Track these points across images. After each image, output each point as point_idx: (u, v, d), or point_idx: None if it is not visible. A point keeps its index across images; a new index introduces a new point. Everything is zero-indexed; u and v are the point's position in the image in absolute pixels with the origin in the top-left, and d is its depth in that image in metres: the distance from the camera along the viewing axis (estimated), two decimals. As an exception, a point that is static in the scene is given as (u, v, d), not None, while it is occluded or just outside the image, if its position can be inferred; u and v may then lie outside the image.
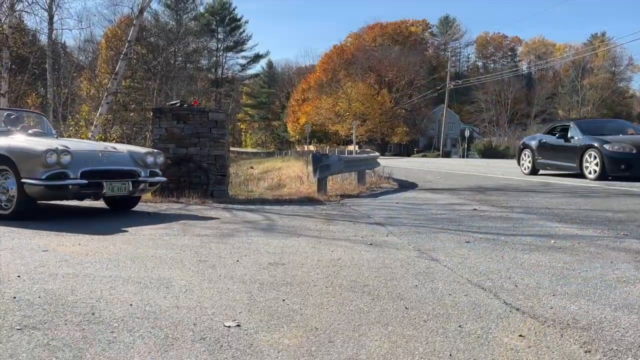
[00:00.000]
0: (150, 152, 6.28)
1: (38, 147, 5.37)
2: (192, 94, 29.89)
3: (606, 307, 2.57)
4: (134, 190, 5.88)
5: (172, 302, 2.61)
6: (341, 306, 2.59)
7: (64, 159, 5.33)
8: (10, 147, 5.53)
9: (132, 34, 12.72)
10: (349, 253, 3.91)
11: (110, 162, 5.87)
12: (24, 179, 5.25)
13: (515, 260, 3.65)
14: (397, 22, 73.42)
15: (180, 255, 3.76)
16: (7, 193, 5.47)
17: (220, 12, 63.40)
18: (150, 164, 6.15)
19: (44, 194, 5.41)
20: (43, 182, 5.20)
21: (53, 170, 5.26)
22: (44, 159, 5.21)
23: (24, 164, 5.30)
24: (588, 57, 67.74)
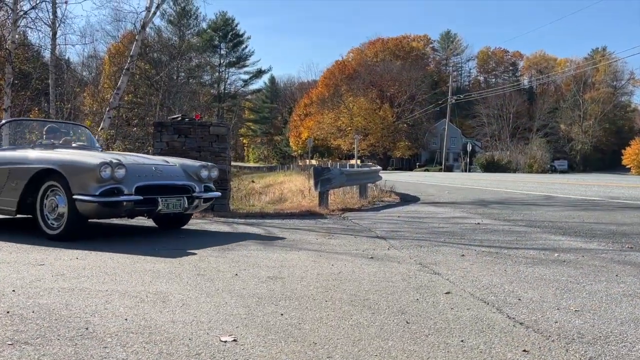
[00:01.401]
0: (205, 166, 5.82)
1: (92, 160, 4.87)
2: (195, 109, 29.98)
3: (612, 321, 2.51)
4: (188, 207, 5.40)
5: (168, 317, 2.55)
6: (340, 320, 2.53)
7: (118, 173, 4.86)
8: (61, 160, 5.05)
9: (135, 50, 12.79)
10: (350, 267, 3.85)
11: (164, 177, 5.39)
12: (76, 195, 4.77)
13: (518, 273, 3.58)
14: (398, 38, 74.01)
15: (179, 269, 3.71)
16: (56, 211, 5.00)
17: (223, 28, 63.91)
18: (204, 178, 5.71)
19: (97, 212, 4.91)
20: (97, 199, 4.71)
21: (107, 186, 4.79)
22: (99, 173, 4.73)
23: (76, 179, 4.82)
24: (589, 72, 68.00)
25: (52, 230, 5.02)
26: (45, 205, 5.08)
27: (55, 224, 5.03)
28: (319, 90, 64.63)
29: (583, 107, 66.52)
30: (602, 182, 20.89)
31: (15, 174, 5.23)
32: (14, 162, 5.34)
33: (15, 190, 5.19)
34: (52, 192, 5.04)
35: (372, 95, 58.70)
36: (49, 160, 5.10)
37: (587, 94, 67.60)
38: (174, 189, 5.36)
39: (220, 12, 63.45)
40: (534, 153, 51.01)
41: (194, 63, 35.10)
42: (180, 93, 26.15)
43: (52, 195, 5.04)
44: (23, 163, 5.24)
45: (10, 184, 5.24)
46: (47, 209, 5.07)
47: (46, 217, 5.08)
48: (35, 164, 5.11)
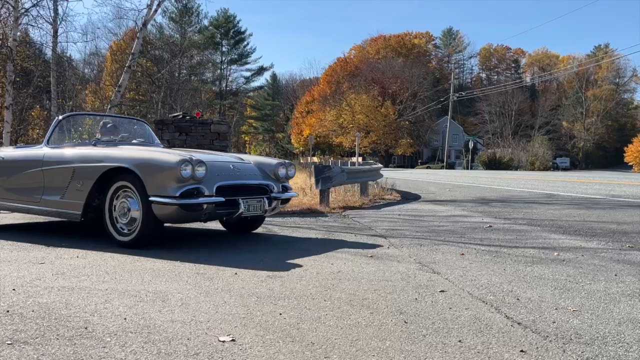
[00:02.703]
0: (282, 164, 5.33)
1: (170, 158, 4.39)
2: (196, 106, 30.01)
3: (610, 321, 2.51)
4: (268, 209, 4.90)
5: (167, 316, 2.56)
6: (339, 320, 2.54)
7: (199, 171, 4.35)
8: (135, 158, 4.52)
9: (136, 47, 12.79)
10: (349, 266, 3.86)
11: (242, 176, 4.88)
12: (152, 196, 4.28)
13: (517, 273, 3.59)
14: (400, 35, 73.80)
15: (178, 268, 3.72)
16: (128, 215, 4.52)
17: (225, 25, 63.80)
18: (282, 177, 5.23)
19: (176, 216, 4.36)
20: (177, 201, 4.20)
21: (188, 186, 4.29)
22: (179, 171, 4.23)
23: (152, 179, 4.31)
24: (592, 69, 67.83)
25: (122, 236, 4.54)
26: (115, 208, 4.61)
27: (127, 230, 4.54)
28: (321, 87, 64.56)
29: (585, 105, 66.40)
30: (604, 180, 20.85)
31: (80, 174, 4.75)
32: (78, 160, 4.86)
33: (80, 191, 4.71)
34: (123, 193, 4.57)
35: (374, 92, 58.62)
36: (119, 157, 4.58)
37: (590, 91, 67.45)
38: (253, 189, 4.86)
39: (222, 9, 63.39)
40: (535, 150, 50.90)
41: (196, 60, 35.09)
42: (181, 90, 26.16)
43: (122, 197, 4.57)
44: (89, 161, 4.75)
45: (74, 185, 4.77)
46: (117, 213, 4.60)
47: (116, 221, 4.61)
48: (105, 162, 4.60)
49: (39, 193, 5.08)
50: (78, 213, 4.75)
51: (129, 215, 4.50)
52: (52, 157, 5.08)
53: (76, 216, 4.78)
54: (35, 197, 5.10)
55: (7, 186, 5.43)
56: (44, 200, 5.02)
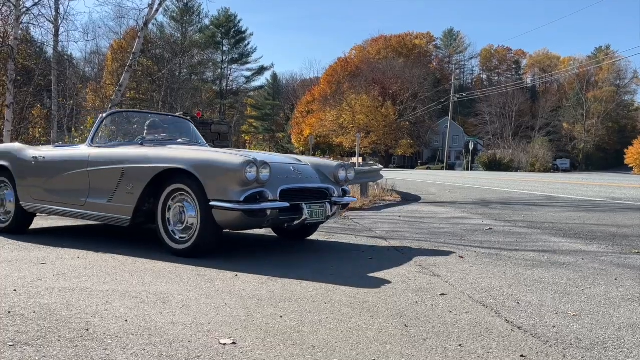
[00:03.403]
0: (342, 166, 4.96)
1: (233, 159, 4.02)
2: (197, 105, 30.03)
3: (610, 326, 2.52)
4: (330, 215, 4.53)
5: (168, 318, 2.57)
6: (339, 323, 2.55)
7: (263, 174, 4.01)
8: (193, 159, 4.14)
9: (137, 46, 12.79)
10: (350, 268, 3.86)
11: (304, 179, 4.51)
12: (213, 201, 3.91)
13: (517, 276, 3.59)
14: (401, 35, 73.82)
15: (179, 269, 3.72)
16: (183, 221, 4.15)
17: (226, 25, 63.82)
18: (342, 180, 4.86)
19: (239, 222, 3.99)
20: (241, 206, 3.84)
21: (252, 190, 3.95)
22: (244, 174, 3.89)
23: (213, 182, 3.95)
24: (592, 70, 67.83)
25: (177, 244, 4.18)
26: (169, 213, 4.25)
27: (183, 237, 4.18)
28: (321, 87, 64.54)
29: (586, 106, 66.43)
30: (604, 182, 20.87)
31: (131, 175, 4.38)
32: (128, 160, 4.49)
33: (130, 194, 4.35)
34: (179, 197, 4.21)
35: (375, 92, 58.61)
36: (175, 158, 4.22)
37: (590, 93, 67.47)
38: (313, 193, 4.50)
39: (223, 9, 63.43)
40: (536, 152, 50.96)
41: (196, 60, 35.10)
42: (182, 90, 26.17)
43: (177, 202, 4.21)
44: (141, 162, 4.39)
45: (124, 187, 4.41)
46: (172, 218, 4.24)
47: (170, 227, 4.25)
48: (158, 163, 4.24)
49: (84, 196, 4.73)
50: (127, 218, 4.40)
51: (185, 221, 4.15)
52: (99, 157, 4.75)
53: (125, 221, 4.43)
54: (80, 200, 4.76)
55: (47, 187, 5.07)
56: (89, 203, 4.68)
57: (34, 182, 5.17)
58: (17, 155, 5.40)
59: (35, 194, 5.14)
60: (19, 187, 5.25)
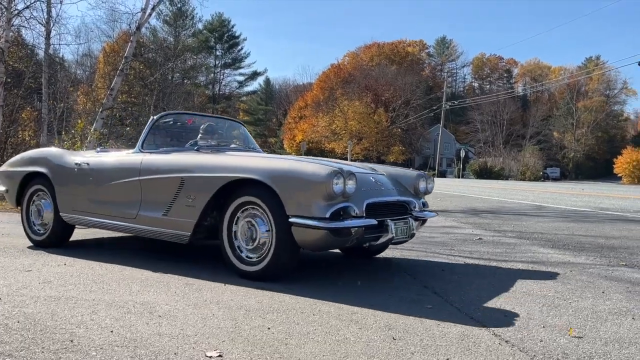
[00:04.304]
0: (422, 176, 4.47)
1: (318, 169, 3.49)
2: (189, 109, 29.96)
3: (597, 340, 2.52)
4: (414, 233, 4.03)
5: (154, 329, 2.55)
6: (327, 335, 2.54)
7: (349, 186, 3.51)
8: (270, 169, 3.63)
9: (129, 50, 12.75)
10: (339, 278, 3.85)
11: (386, 191, 4.01)
12: (294, 217, 3.42)
13: (505, 288, 3.60)
14: (394, 42, 74.20)
15: (167, 278, 3.69)
16: (255, 239, 3.66)
17: (219, 30, 63.83)
18: (422, 191, 4.40)
19: (322, 242, 3.47)
20: (327, 224, 3.35)
21: (338, 204, 3.46)
22: (331, 186, 3.38)
23: (294, 195, 3.46)
24: (583, 80, 68.51)
25: (246, 265, 3.70)
26: (237, 229, 3.77)
27: (251, 257, 3.70)
28: (314, 93, 64.65)
29: (576, 115, 67.02)
30: (593, 192, 21.04)
31: (192, 186, 3.90)
32: (188, 169, 3.99)
33: (191, 207, 3.87)
34: (249, 212, 3.73)
35: (367, 99, 58.81)
36: (247, 167, 3.72)
37: (581, 102, 68.11)
38: (393, 208, 3.99)
39: (217, 13, 63.42)
40: (526, 160, 51.33)
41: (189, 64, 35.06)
42: (174, 94, 26.11)
43: (247, 217, 3.72)
44: (204, 170, 3.90)
45: (183, 199, 3.92)
46: (240, 236, 3.75)
47: (238, 246, 3.77)
48: (226, 173, 3.75)
49: (135, 208, 4.24)
50: (187, 234, 3.92)
51: (256, 239, 3.65)
52: (152, 165, 4.23)
53: (183, 238, 3.95)
54: (130, 213, 4.27)
55: (92, 198, 4.60)
56: (140, 217, 4.20)
57: (77, 192, 4.71)
58: (56, 161, 4.94)
59: (78, 204, 4.68)
60: (59, 196, 4.80)
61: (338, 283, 3.69)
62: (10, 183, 5.24)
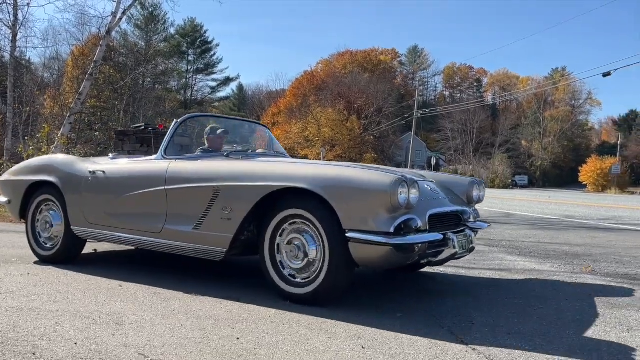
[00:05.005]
0: (475, 182, 4.13)
1: (380, 177, 3.14)
2: (160, 115, 29.59)
3: (560, 347, 2.58)
4: (474, 247, 3.69)
5: (121, 341, 2.50)
6: (297, 345, 2.53)
7: (413, 195, 3.14)
8: (321, 177, 3.24)
9: (99, 55, 12.54)
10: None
11: (443, 200, 3.68)
12: (352, 232, 3.04)
13: (474, 296, 3.66)
14: (367, 50, 74.87)
15: (134, 287, 3.63)
16: (302, 256, 3.27)
17: (191, 35, 63.38)
18: (475, 200, 4.08)
19: (385, 260, 3.08)
20: (391, 240, 2.97)
21: (401, 216, 3.08)
22: (396, 196, 3.02)
23: (352, 207, 3.07)
24: (549, 91, 70.22)
25: (293, 286, 3.30)
26: (280, 245, 3.38)
27: (298, 278, 3.31)
28: (288, 100, 64.67)
29: (543, 125, 68.65)
30: (559, 199, 21.56)
31: (228, 196, 3.50)
32: (223, 177, 3.59)
33: (227, 220, 3.46)
34: (295, 226, 3.33)
35: (340, 106, 59.08)
36: (293, 175, 3.34)
37: (547, 112, 69.83)
38: (450, 219, 3.63)
39: (189, 19, 62.98)
40: (496, 168, 52.33)
41: (161, 69, 34.68)
42: (145, 99, 25.76)
43: (293, 232, 3.33)
44: (242, 179, 3.48)
45: (218, 212, 3.52)
46: (286, 254, 3.35)
47: (281, 263, 3.38)
48: (269, 181, 3.34)
49: (159, 221, 3.82)
50: (222, 250, 3.52)
51: (305, 257, 3.26)
52: (181, 173, 3.81)
53: (218, 254, 3.56)
54: (153, 227, 3.85)
55: (109, 210, 4.16)
56: (166, 231, 3.78)
57: (91, 203, 4.26)
58: (67, 169, 4.50)
59: (93, 217, 4.24)
60: (71, 208, 4.35)
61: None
62: (13, 193, 4.79)
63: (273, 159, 4.24)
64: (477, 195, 4.10)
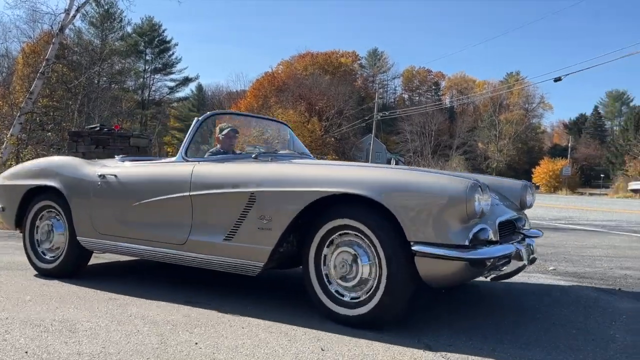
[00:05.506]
0: (528, 186, 3.89)
1: (455, 183, 2.79)
2: (116, 115, 28.88)
3: (518, 345, 2.67)
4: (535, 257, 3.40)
5: (74, 349, 2.43)
6: (256, 348, 2.52)
7: (485, 202, 2.79)
8: (381, 181, 2.89)
9: (51, 53, 12.15)
10: (268, 291, 3.84)
11: (503, 207, 3.39)
12: (419, 245, 2.68)
13: (427, 296, 3.73)
14: (327, 53, 75.28)
15: (89, 293, 3.53)
16: (355, 275, 2.90)
17: (149, 34, 62.13)
18: (528, 205, 3.83)
19: (457, 276, 2.73)
20: (467, 254, 2.63)
21: (474, 227, 2.76)
22: (473, 204, 2.68)
23: (419, 217, 2.70)
24: (504, 94, 72.38)
25: (345, 307, 2.93)
26: (329, 260, 3.01)
27: (347, 297, 2.95)
28: (248, 100, 64.21)
29: (499, 127, 70.65)
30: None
31: (266, 203, 3.11)
32: (258, 181, 3.19)
33: (266, 230, 3.08)
34: (343, 238, 2.97)
35: (301, 108, 59.13)
36: (346, 180, 2.96)
37: (503, 115, 71.92)
38: (506, 226, 3.22)
39: (147, 17, 61.71)
40: (453, 170, 53.45)
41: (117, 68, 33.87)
42: (101, 98, 25.08)
43: (342, 245, 2.96)
44: (282, 184, 3.10)
45: (254, 220, 3.13)
46: (334, 271, 2.97)
47: (327, 279, 3.02)
48: (315, 187, 2.97)
49: (183, 231, 3.42)
50: (259, 265, 3.13)
51: (358, 274, 2.89)
52: (208, 177, 3.42)
53: (254, 269, 3.17)
54: (176, 237, 3.45)
55: (124, 219, 3.73)
56: (192, 242, 3.38)
57: (102, 211, 3.83)
58: (71, 173, 4.05)
59: (103, 226, 3.82)
60: (77, 216, 3.93)
61: (265, 298, 3.68)
62: (9, 199, 4.33)
63: (310, 160, 3.97)
64: (530, 200, 3.85)
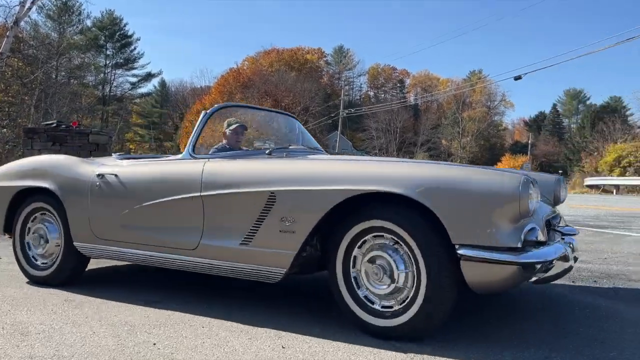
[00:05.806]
0: (560, 180, 3.61)
1: (505, 179, 2.51)
2: (76, 111, 28.09)
3: (495, 342, 2.73)
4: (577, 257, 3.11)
5: (26, 352, 2.36)
6: (216, 347, 2.50)
7: (535, 200, 2.56)
8: (418, 179, 2.58)
9: (5, 46, 11.72)
10: (229, 290, 3.82)
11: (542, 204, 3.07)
12: (465, 248, 2.40)
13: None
14: (293, 49, 75.14)
15: (44, 295, 3.43)
16: (390, 283, 2.63)
17: (110, 28, 60.59)
18: (561, 200, 3.58)
19: (509, 281, 2.44)
20: (520, 258, 2.37)
21: (525, 226, 2.49)
22: (526, 202, 2.44)
23: (465, 217, 2.45)
24: (467, 92, 73.81)
25: (379, 318, 2.66)
26: (359, 268, 2.74)
27: (378, 305, 2.69)
28: (213, 97, 63.41)
29: (462, 125, 72.01)
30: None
31: (288, 203, 2.84)
32: (278, 179, 2.92)
33: (289, 234, 2.81)
34: (374, 242, 2.71)
35: (267, 104, 58.92)
36: (379, 177, 2.68)
37: (465, 113, 73.35)
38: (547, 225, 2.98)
39: (107, 10, 60.15)
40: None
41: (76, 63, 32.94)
42: (59, 94, 24.36)
43: (374, 248, 2.70)
44: (305, 182, 2.82)
45: (275, 222, 2.86)
46: (363, 276, 2.73)
47: (360, 288, 2.75)
48: (344, 185, 2.69)
49: (194, 235, 3.14)
50: (281, 271, 2.86)
51: (393, 281, 2.62)
52: (220, 175, 3.13)
53: (275, 276, 2.90)
54: (186, 242, 3.17)
55: (127, 222, 3.43)
56: (204, 247, 3.11)
57: (102, 214, 3.55)
58: (66, 172, 3.76)
59: (103, 230, 3.54)
60: (73, 220, 3.63)
61: (226, 295, 3.65)
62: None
63: (329, 156, 3.78)
64: (564, 195, 3.61)
